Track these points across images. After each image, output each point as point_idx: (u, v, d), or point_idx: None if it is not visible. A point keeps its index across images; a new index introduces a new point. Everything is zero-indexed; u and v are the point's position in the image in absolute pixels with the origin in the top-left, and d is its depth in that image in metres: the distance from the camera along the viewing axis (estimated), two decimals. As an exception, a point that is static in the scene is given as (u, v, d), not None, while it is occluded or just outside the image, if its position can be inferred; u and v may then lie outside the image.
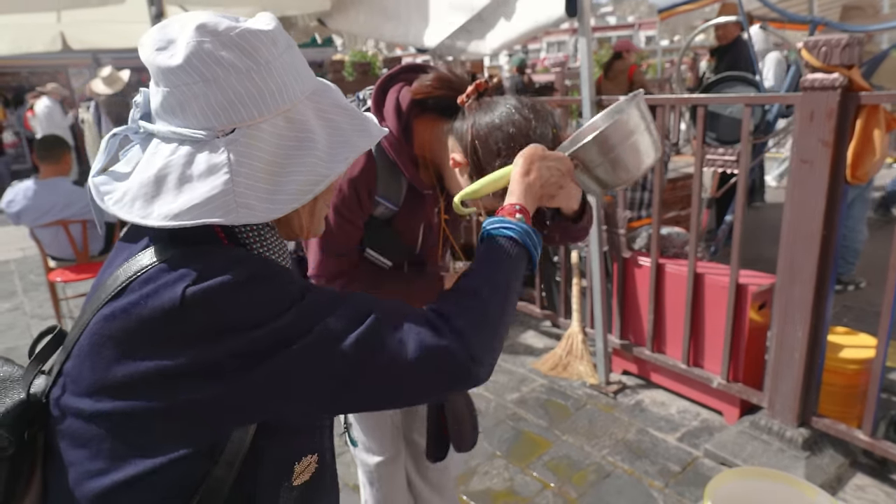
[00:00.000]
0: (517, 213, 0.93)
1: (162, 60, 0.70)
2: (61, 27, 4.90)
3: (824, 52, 2.04)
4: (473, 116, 1.17)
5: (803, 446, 2.31)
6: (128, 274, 0.71)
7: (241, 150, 0.69)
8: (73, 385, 0.73)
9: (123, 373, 0.68)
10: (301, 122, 0.73)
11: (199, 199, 0.68)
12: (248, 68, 0.70)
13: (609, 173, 1.07)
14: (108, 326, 0.69)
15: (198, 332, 0.67)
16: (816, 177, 2.13)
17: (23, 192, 3.74)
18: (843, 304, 3.78)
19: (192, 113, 0.70)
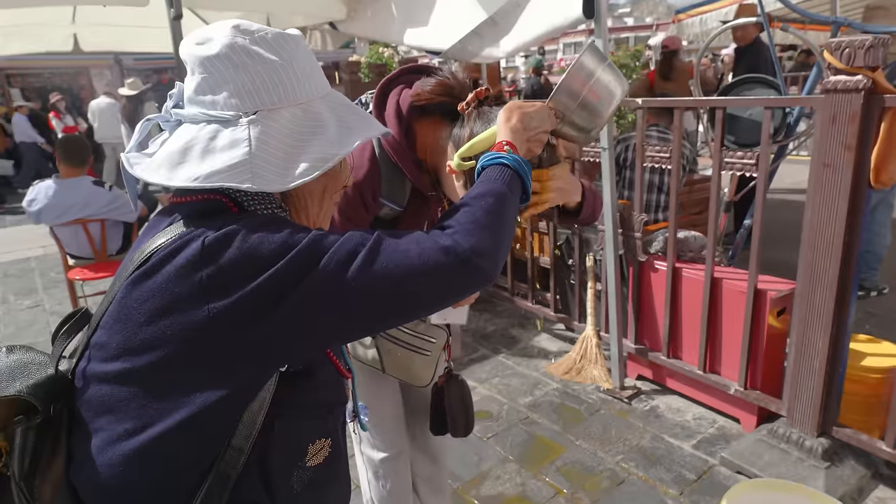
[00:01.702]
0: (505, 146, 0.99)
1: (201, 51, 0.81)
2: (75, 28, 4.97)
3: (847, 54, 2.00)
4: (471, 126, 1.17)
5: (823, 456, 2.26)
6: (153, 247, 0.78)
7: (261, 130, 0.79)
8: (100, 352, 0.78)
9: (151, 329, 0.74)
10: (315, 114, 0.84)
11: (220, 167, 0.76)
12: (273, 61, 0.81)
13: (584, 116, 1.13)
14: (137, 290, 0.76)
15: (220, 273, 0.72)
16: (838, 181, 2.09)
17: (44, 191, 3.80)
18: (866, 310, 3.70)
19: (222, 96, 0.80)
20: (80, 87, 13.73)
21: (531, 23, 2.97)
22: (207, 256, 0.73)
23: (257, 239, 0.74)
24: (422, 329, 1.47)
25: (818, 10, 5.41)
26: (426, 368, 1.49)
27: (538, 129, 1.06)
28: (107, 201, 3.88)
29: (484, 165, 0.97)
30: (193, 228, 0.77)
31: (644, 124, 2.84)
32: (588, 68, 1.11)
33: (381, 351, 1.46)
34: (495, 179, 0.93)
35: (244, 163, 0.77)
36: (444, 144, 1.24)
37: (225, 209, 0.82)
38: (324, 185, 0.90)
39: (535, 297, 3.76)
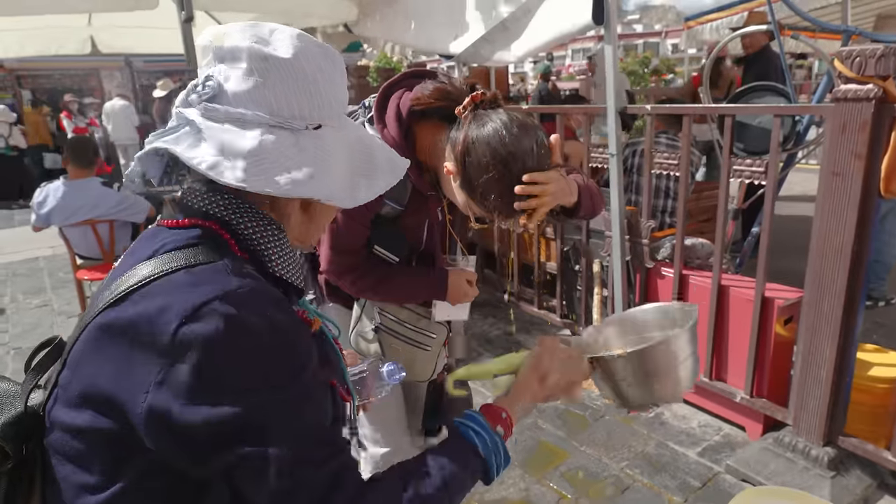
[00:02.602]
0: (499, 424, 0.88)
1: (266, 50, 0.75)
2: (91, 31, 5.02)
3: (858, 63, 2.00)
4: (466, 129, 1.21)
5: (829, 466, 2.25)
6: (128, 283, 0.71)
7: (326, 144, 0.78)
8: (65, 394, 0.73)
9: (106, 387, 0.68)
10: (367, 138, 0.86)
11: (301, 178, 0.74)
12: (338, 76, 0.81)
13: (633, 393, 0.96)
14: (100, 337, 0.70)
15: (176, 379, 0.65)
16: (848, 190, 2.08)
17: (52, 192, 3.83)
18: (874, 320, 3.68)
19: (288, 103, 0.75)
20: (90, 88, 13.83)
21: (541, 28, 2.99)
22: (172, 352, 0.65)
23: (237, 352, 0.67)
24: (423, 325, 1.50)
25: (829, 18, 5.41)
26: (427, 363, 1.53)
27: (559, 389, 0.96)
28: (115, 202, 3.91)
29: (461, 430, 0.87)
30: (175, 284, 0.70)
31: (653, 130, 2.84)
32: (670, 353, 0.92)
33: (383, 346, 1.48)
34: (463, 465, 0.83)
35: (317, 175, 0.75)
36: (442, 146, 1.28)
37: (216, 241, 0.76)
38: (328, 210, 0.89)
39: (541, 302, 3.76)
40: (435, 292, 1.48)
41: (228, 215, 0.78)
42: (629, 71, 10.50)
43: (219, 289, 0.68)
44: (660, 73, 12.68)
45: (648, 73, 11.70)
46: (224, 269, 0.71)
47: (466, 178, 1.21)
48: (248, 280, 0.71)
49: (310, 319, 0.86)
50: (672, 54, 25.93)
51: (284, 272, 0.82)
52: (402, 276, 1.45)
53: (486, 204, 1.22)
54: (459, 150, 1.21)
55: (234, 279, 0.70)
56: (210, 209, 0.78)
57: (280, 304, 0.73)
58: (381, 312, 1.48)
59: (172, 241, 0.75)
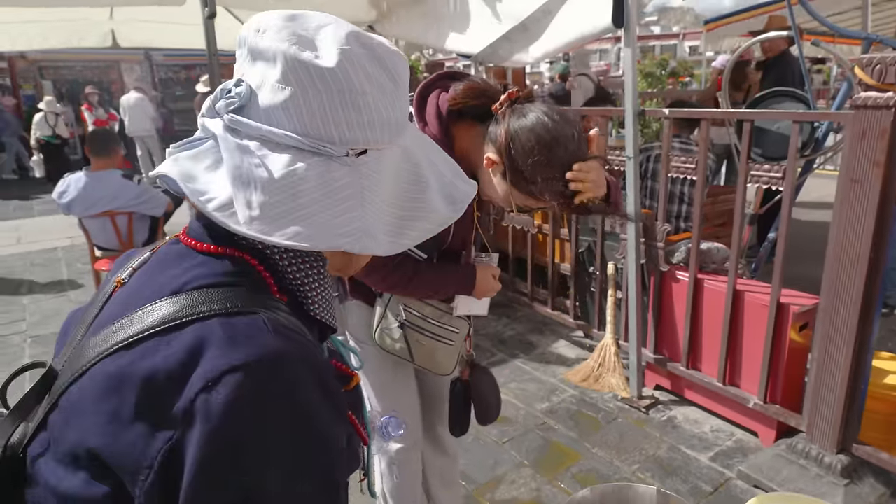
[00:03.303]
0: None
1: (304, 56, 0.61)
2: (112, 24, 5.09)
3: (879, 70, 1.99)
4: (507, 121, 1.27)
5: (842, 473, 2.24)
6: (147, 323, 0.59)
7: (371, 175, 0.64)
8: (55, 444, 0.61)
9: (102, 447, 0.57)
10: (414, 160, 0.69)
11: (335, 221, 0.60)
12: (391, 90, 0.65)
13: None
14: (107, 386, 0.58)
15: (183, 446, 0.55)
16: (866, 196, 2.08)
17: (74, 183, 3.89)
18: (890, 328, 3.65)
19: (325, 121, 0.62)
20: (110, 81, 14.00)
21: (561, 30, 3.00)
22: (187, 418, 0.54)
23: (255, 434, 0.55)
24: (446, 320, 1.54)
25: (848, 24, 5.36)
26: (449, 357, 1.57)
27: None
28: (135, 194, 3.96)
29: None
30: (203, 339, 0.57)
31: (670, 133, 2.84)
32: None
33: (409, 341, 1.51)
34: None
35: (354, 219, 0.61)
36: (479, 143, 1.34)
37: (254, 279, 0.65)
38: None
39: (555, 303, 3.77)
40: (463, 287, 1.52)
41: (266, 245, 0.66)
42: (646, 73, 10.44)
43: (253, 353, 0.56)
44: (677, 76, 12.60)
45: (666, 75, 11.63)
46: (264, 326, 0.59)
47: (512, 165, 1.26)
48: (286, 342, 0.59)
49: (350, 372, 0.75)
50: (689, 56, 25.76)
51: (324, 314, 0.72)
52: (431, 271, 1.48)
53: (531, 189, 1.28)
54: (503, 139, 1.26)
55: (272, 341, 0.58)
56: None
57: (319, 373, 0.61)
58: (406, 309, 1.50)
59: (203, 273, 0.63)
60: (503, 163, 1.28)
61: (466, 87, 1.33)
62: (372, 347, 1.57)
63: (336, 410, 0.63)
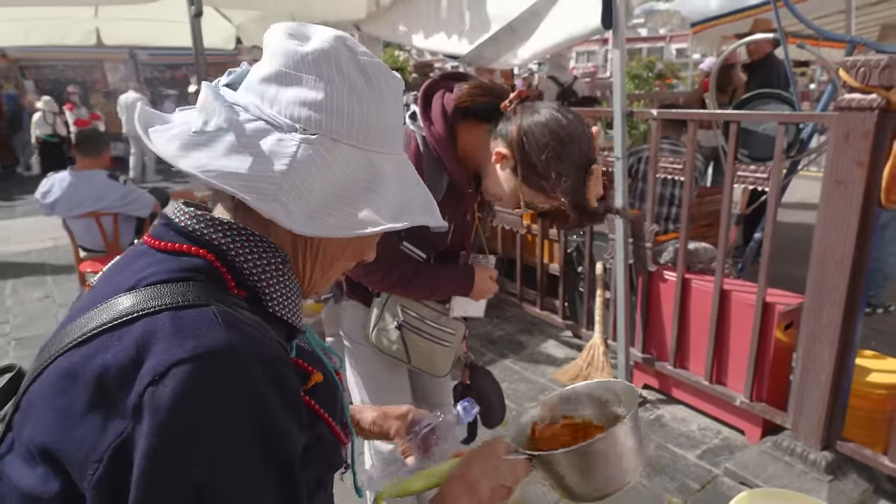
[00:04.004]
0: None
1: (291, 44, 0.68)
2: (97, 22, 5.04)
3: (862, 73, 2.02)
4: (520, 117, 1.29)
5: (826, 470, 2.28)
6: (101, 319, 0.60)
7: (311, 155, 0.65)
8: (17, 442, 0.62)
9: (56, 442, 0.58)
10: (377, 169, 0.71)
11: (245, 171, 0.62)
12: (361, 89, 0.68)
13: (579, 485, 0.91)
14: (60, 382, 0.59)
15: (131, 441, 0.55)
16: (850, 198, 2.11)
17: (58, 182, 3.84)
18: (872, 327, 3.71)
19: (288, 98, 0.66)
20: (93, 80, 13.85)
21: (549, 31, 3.01)
22: (136, 413, 0.55)
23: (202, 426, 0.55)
24: (443, 322, 1.54)
25: (833, 27, 5.43)
26: (446, 359, 1.57)
27: (495, 502, 0.88)
28: (120, 195, 3.92)
29: None
30: (153, 330, 0.58)
31: (658, 135, 2.86)
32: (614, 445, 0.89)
33: (406, 343, 1.51)
34: None
35: (275, 181, 0.63)
36: (485, 141, 1.36)
37: (210, 274, 0.65)
38: (345, 247, 0.77)
39: (544, 303, 3.78)
40: (461, 288, 1.53)
41: (227, 243, 0.67)
42: (633, 74, 10.51)
43: (201, 345, 0.57)
44: (664, 78, 12.68)
45: (653, 76, 11.72)
46: (213, 318, 0.60)
47: (524, 159, 1.28)
48: (239, 335, 0.60)
49: (310, 370, 0.74)
50: (676, 59, 25.97)
51: (286, 312, 0.71)
52: (430, 272, 1.49)
53: (543, 184, 1.29)
54: (515, 135, 1.28)
55: (221, 334, 0.59)
56: (205, 233, 0.67)
57: (269, 365, 0.62)
58: (403, 310, 1.50)
59: (158, 270, 0.64)
60: (514, 157, 1.30)
61: (474, 85, 1.36)
62: (367, 348, 1.57)
63: (290, 404, 0.63)
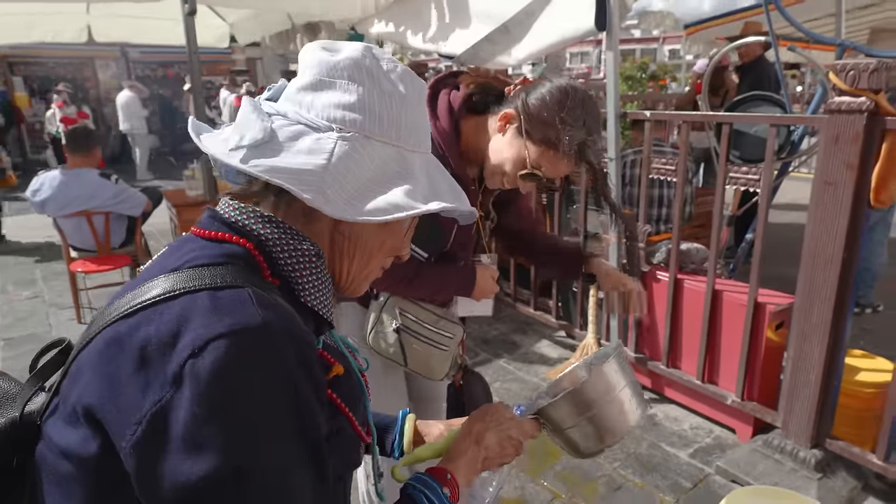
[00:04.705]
0: (445, 486, 0.86)
1: (324, 56, 0.75)
2: (89, 19, 5.01)
3: (852, 76, 2.05)
4: (525, 91, 1.35)
5: (816, 467, 2.30)
6: (147, 296, 0.65)
7: (348, 151, 0.71)
8: (63, 407, 0.67)
9: (98, 404, 0.62)
10: (408, 163, 0.76)
11: (290, 166, 0.69)
12: (389, 92, 0.75)
13: (583, 436, 0.97)
14: (106, 350, 0.64)
15: (168, 409, 0.59)
16: (840, 199, 2.14)
17: (49, 181, 3.81)
18: (861, 326, 3.75)
19: (323, 102, 0.73)
20: (84, 77, 13.73)
21: (543, 32, 3.02)
22: (175, 382, 0.59)
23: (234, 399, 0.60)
24: (441, 325, 1.53)
25: (823, 30, 5.48)
26: (443, 362, 1.56)
27: (501, 455, 0.94)
28: (112, 194, 3.90)
29: (410, 493, 0.85)
30: (193, 306, 0.63)
31: (651, 136, 2.89)
32: (604, 384, 0.95)
33: (404, 346, 1.50)
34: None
35: (316, 173, 0.69)
36: (487, 126, 1.40)
37: (248, 262, 0.71)
38: (382, 241, 0.81)
39: (538, 303, 3.80)
40: (463, 288, 1.53)
41: (265, 234, 0.73)
42: (627, 76, 10.56)
43: (238, 322, 0.61)
44: (657, 79, 12.72)
45: (646, 78, 11.76)
46: (248, 298, 0.64)
47: (530, 112, 1.31)
48: (272, 315, 0.65)
49: (332, 361, 0.78)
50: (669, 60, 26.09)
51: (317, 303, 0.76)
52: (432, 271, 1.49)
53: (549, 134, 1.31)
54: (521, 99, 1.33)
55: (256, 312, 0.63)
56: (246, 224, 0.73)
57: (300, 347, 0.66)
58: (402, 313, 1.50)
59: (201, 255, 0.69)
60: (519, 115, 1.33)
61: (482, 72, 1.42)
62: (364, 350, 1.57)
63: (317, 386, 0.68)
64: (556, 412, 0.96)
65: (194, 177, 4.83)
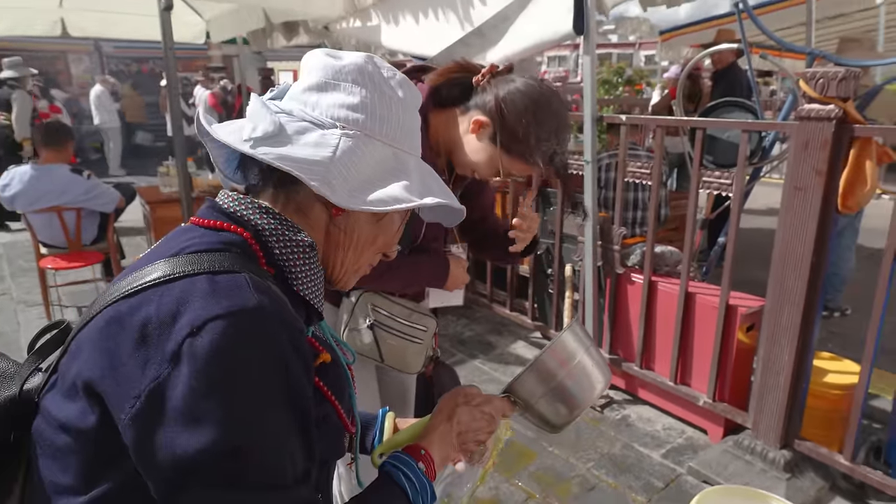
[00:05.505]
0: (421, 460, 0.88)
1: (328, 60, 0.80)
2: (62, 13, 4.91)
3: (821, 84, 2.10)
4: (495, 88, 1.33)
5: (785, 468, 2.35)
6: (148, 278, 0.68)
7: (350, 146, 0.76)
8: (61, 382, 0.70)
9: (97, 378, 0.65)
10: (403, 163, 0.82)
11: (298, 156, 0.73)
12: (389, 95, 0.80)
13: (553, 408, 1.00)
14: (107, 328, 0.67)
15: (166, 386, 0.62)
16: (809, 204, 2.18)
17: (19, 175, 3.73)
18: (829, 329, 3.84)
19: (328, 102, 0.78)
20: (56, 71, 13.45)
21: (519, 35, 3.03)
22: (173, 360, 0.62)
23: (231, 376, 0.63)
24: (414, 319, 1.54)
25: (794, 39, 5.61)
26: (417, 356, 1.57)
27: (476, 431, 0.97)
28: (84, 190, 3.83)
29: (389, 472, 0.85)
30: (192, 288, 0.66)
31: (626, 140, 2.92)
32: (564, 353, 0.99)
33: (378, 342, 1.50)
34: None
35: (322, 164, 0.73)
36: (456, 119, 1.39)
37: (245, 250, 0.74)
38: (375, 236, 0.85)
39: (514, 304, 3.81)
40: (437, 279, 1.54)
41: (262, 225, 0.77)
42: (604, 80, 10.67)
43: (234, 304, 0.64)
44: (633, 84, 12.89)
45: (622, 82, 11.92)
46: (245, 283, 0.67)
47: (504, 125, 1.31)
48: (266, 299, 0.67)
49: (319, 348, 0.81)
50: (644, 65, 26.42)
51: (308, 293, 0.80)
52: (406, 263, 1.49)
53: (522, 149, 1.32)
54: (494, 103, 1.31)
55: (252, 295, 0.66)
56: (244, 214, 0.77)
57: (291, 331, 0.69)
58: (374, 309, 1.50)
59: (200, 242, 0.72)
60: (493, 125, 1.32)
61: (452, 63, 1.41)
62: None
63: (305, 370, 0.70)
64: (524, 386, 0.99)
65: (168, 173, 4.76)
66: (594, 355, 1.03)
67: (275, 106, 0.79)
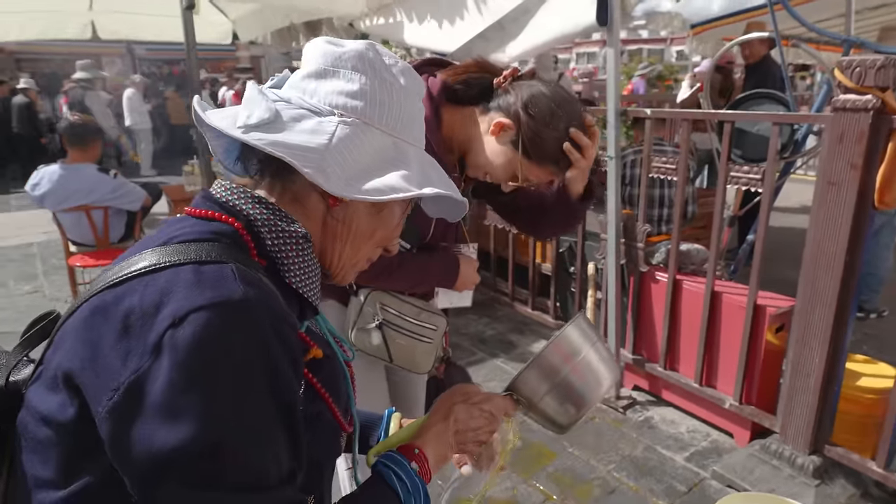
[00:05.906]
0: (414, 460, 0.85)
1: (328, 48, 0.78)
2: (92, 15, 5.00)
3: (858, 73, 2.00)
4: (518, 91, 1.30)
5: (814, 474, 2.25)
6: (133, 267, 0.66)
7: (348, 134, 0.74)
8: (45, 373, 0.68)
9: (77, 369, 0.63)
10: (403, 152, 0.79)
11: (293, 142, 0.71)
12: (390, 83, 0.78)
13: (557, 406, 0.96)
14: (90, 318, 0.65)
15: (145, 378, 0.60)
16: (843, 200, 2.09)
17: (48, 175, 3.81)
18: (864, 331, 3.69)
19: (327, 89, 0.76)
20: (91, 74, 13.78)
21: (540, 28, 2.98)
22: (154, 351, 0.60)
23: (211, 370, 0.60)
24: (424, 318, 1.50)
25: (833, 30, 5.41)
26: (427, 356, 1.53)
27: (475, 430, 0.93)
28: (111, 188, 3.89)
29: (381, 472, 0.83)
30: (178, 278, 0.64)
31: (651, 135, 2.84)
32: (568, 347, 0.94)
33: (387, 341, 1.47)
34: None
35: (318, 151, 0.71)
36: (474, 118, 1.36)
37: (235, 241, 0.72)
38: (374, 229, 0.83)
39: (536, 303, 3.76)
40: (446, 279, 1.51)
41: (254, 215, 0.75)
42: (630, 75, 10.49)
43: (218, 295, 0.62)
44: (664, 79, 12.67)
45: (653, 78, 11.72)
46: (230, 274, 0.65)
47: (529, 131, 1.28)
48: (253, 290, 0.65)
49: (310, 343, 0.78)
50: (676, 61, 25.95)
51: (302, 286, 0.77)
52: (415, 262, 1.46)
53: (546, 156, 1.30)
54: (517, 106, 1.29)
55: (237, 287, 0.64)
56: (237, 204, 0.75)
57: (278, 321, 0.67)
58: (383, 308, 1.46)
59: (189, 231, 0.71)
60: (517, 129, 1.29)
61: (468, 63, 1.37)
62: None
63: (291, 358, 0.68)
64: (526, 383, 0.95)
65: (193, 172, 4.82)
66: (601, 350, 0.99)
67: (273, 94, 0.77)
